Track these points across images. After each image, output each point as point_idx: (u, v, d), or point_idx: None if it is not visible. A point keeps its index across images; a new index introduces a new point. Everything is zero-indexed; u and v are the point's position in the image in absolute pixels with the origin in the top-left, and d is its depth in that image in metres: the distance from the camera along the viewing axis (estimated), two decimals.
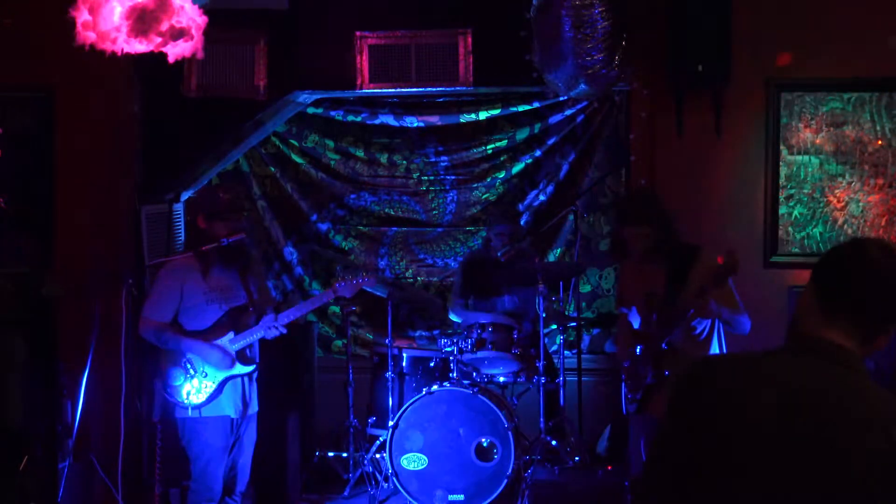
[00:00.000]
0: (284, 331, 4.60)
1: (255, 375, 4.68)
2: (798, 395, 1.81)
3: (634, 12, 5.00)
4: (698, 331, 4.24)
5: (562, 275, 5.94)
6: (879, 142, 5.32)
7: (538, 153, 6.62)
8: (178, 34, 3.54)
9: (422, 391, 5.29)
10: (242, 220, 4.67)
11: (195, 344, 4.50)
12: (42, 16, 5.10)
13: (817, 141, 5.35)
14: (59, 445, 4.84)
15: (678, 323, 4.17)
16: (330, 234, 6.84)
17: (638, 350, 4.37)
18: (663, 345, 4.20)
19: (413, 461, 5.23)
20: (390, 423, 5.27)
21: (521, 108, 6.52)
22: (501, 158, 6.68)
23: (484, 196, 6.72)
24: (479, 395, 5.21)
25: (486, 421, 5.20)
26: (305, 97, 5.98)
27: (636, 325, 4.43)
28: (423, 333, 6.77)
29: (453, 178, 6.74)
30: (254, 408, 4.70)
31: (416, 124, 6.68)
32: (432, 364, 5.64)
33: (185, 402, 4.49)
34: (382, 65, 5.47)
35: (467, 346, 5.43)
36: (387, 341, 5.69)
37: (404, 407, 5.26)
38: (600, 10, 4.38)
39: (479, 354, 5.41)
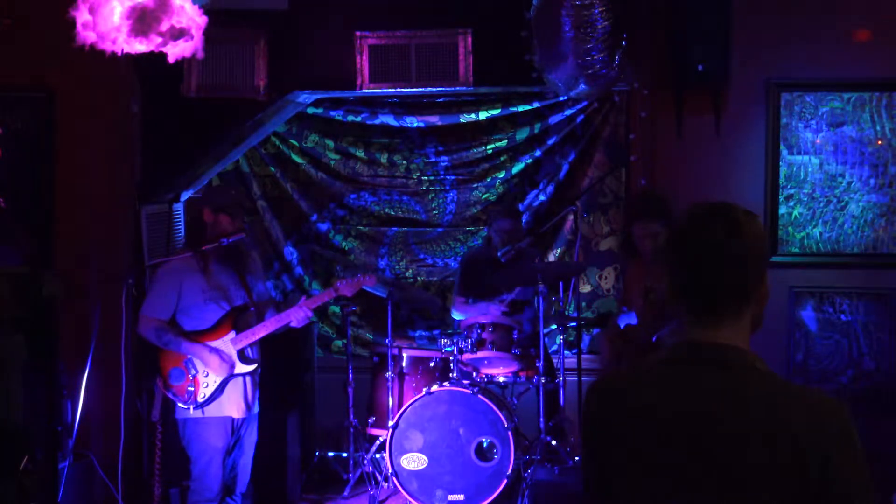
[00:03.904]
0: (311, 315, 4.68)
1: (257, 375, 4.68)
2: (695, 411, 1.72)
3: (635, 12, 5.01)
4: None
5: (562, 275, 5.94)
6: (879, 142, 5.32)
7: (538, 153, 6.62)
8: (178, 34, 3.54)
9: (422, 391, 5.29)
10: (245, 221, 4.69)
11: (195, 347, 4.50)
12: (42, 16, 5.10)
13: (817, 141, 5.35)
14: (59, 445, 4.84)
15: (671, 319, 4.18)
16: (330, 234, 6.84)
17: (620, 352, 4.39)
18: (653, 338, 4.22)
19: (413, 461, 5.22)
20: (390, 423, 5.27)
21: (521, 108, 6.52)
22: (501, 158, 6.68)
23: (484, 196, 6.72)
24: (479, 395, 5.21)
25: (486, 421, 5.20)
26: (305, 97, 5.98)
27: (623, 325, 4.44)
28: (423, 333, 6.77)
29: (453, 178, 6.74)
30: (255, 408, 4.70)
31: (416, 124, 6.67)
32: (432, 364, 5.64)
33: (187, 402, 4.49)
34: (382, 65, 5.47)
35: (467, 346, 5.43)
36: (387, 341, 5.69)
37: (404, 407, 5.26)
38: (600, 10, 4.38)
39: (479, 354, 5.41)
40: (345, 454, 5.83)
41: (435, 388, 5.26)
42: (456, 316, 6.00)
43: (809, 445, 1.66)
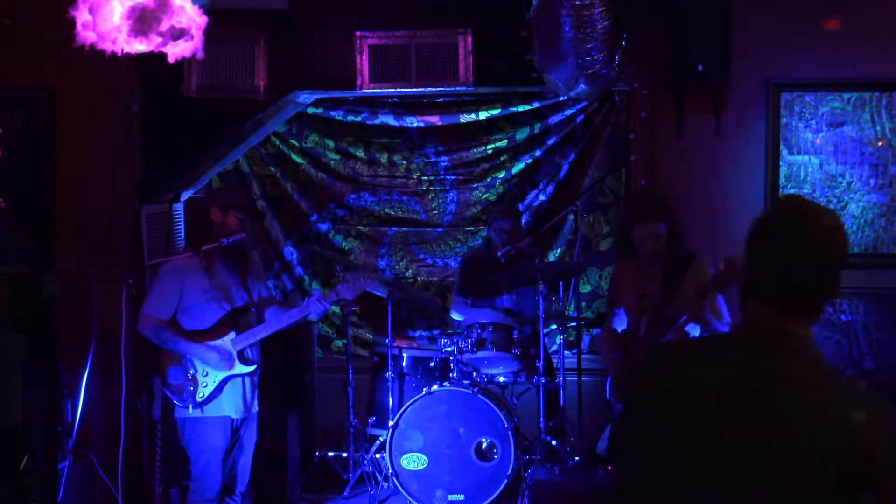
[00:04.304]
0: (329, 307, 4.63)
1: (256, 376, 4.68)
2: (743, 389, 1.75)
3: (635, 12, 5.00)
4: (690, 336, 4.25)
5: (562, 275, 5.94)
6: (879, 142, 5.32)
7: (538, 153, 6.62)
8: (178, 34, 3.54)
9: (422, 391, 5.29)
10: (250, 222, 4.69)
11: (192, 346, 4.50)
12: (42, 16, 5.10)
13: (817, 141, 5.35)
14: (59, 445, 4.84)
15: (668, 327, 4.17)
16: (330, 234, 6.84)
17: (615, 354, 4.39)
18: None
19: (413, 461, 5.22)
20: (390, 423, 5.27)
21: (521, 108, 6.52)
22: (501, 158, 6.68)
23: (484, 196, 6.72)
24: (479, 395, 5.21)
25: (486, 421, 5.20)
26: (305, 97, 5.98)
27: (619, 328, 4.44)
28: (423, 333, 6.77)
29: (453, 178, 6.74)
30: (254, 408, 4.70)
31: (416, 124, 6.67)
32: (432, 364, 5.64)
33: (185, 401, 4.49)
34: (382, 65, 5.47)
35: (467, 346, 5.43)
36: (387, 341, 5.69)
37: (404, 407, 5.26)
38: (600, 10, 4.37)
39: (479, 354, 5.41)
40: (345, 454, 5.83)
41: (435, 388, 5.26)
42: (455, 317, 6.00)
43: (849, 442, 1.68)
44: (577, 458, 5.33)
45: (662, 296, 4.21)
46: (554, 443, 5.40)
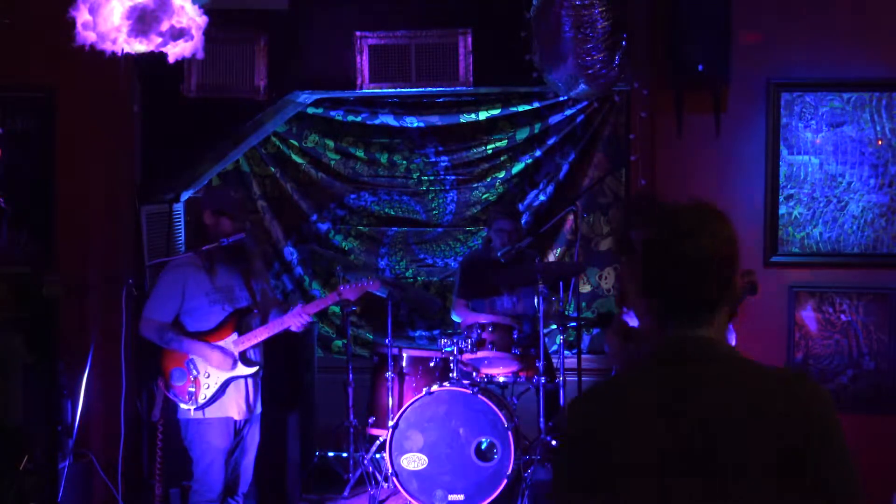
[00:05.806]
0: (311, 319, 4.64)
1: (258, 377, 4.68)
2: (695, 411, 1.75)
3: (635, 12, 5.00)
4: None
5: (562, 275, 5.94)
6: (879, 142, 5.32)
7: (538, 153, 6.62)
8: (178, 34, 3.55)
9: (422, 391, 5.29)
10: (247, 222, 4.68)
11: (196, 345, 4.50)
12: (42, 16, 5.10)
13: (817, 141, 5.34)
14: (59, 445, 4.84)
15: None
16: (330, 234, 6.84)
17: (629, 350, 4.39)
18: None
19: (413, 461, 5.22)
20: (390, 423, 5.27)
21: (521, 108, 6.53)
22: (501, 158, 6.68)
23: (484, 196, 6.72)
24: (479, 395, 5.21)
25: (486, 421, 5.20)
26: (305, 97, 5.98)
27: (632, 324, 4.44)
28: (423, 333, 6.77)
29: (453, 178, 6.74)
30: (257, 409, 4.70)
31: (416, 124, 6.68)
32: (432, 364, 5.64)
33: (188, 402, 4.49)
34: (382, 65, 5.47)
35: (467, 346, 5.43)
36: (387, 341, 5.70)
37: (404, 407, 5.26)
38: (600, 10, 4.37)
39: (479, 354, 5.41)
40: (345, 454, 5.83)
41: (435, 388, 5.26)
42: (454, 318, 6.01)
43: (791, 426, 1.73)
44: None
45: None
46: (554, 443, 5.40)
